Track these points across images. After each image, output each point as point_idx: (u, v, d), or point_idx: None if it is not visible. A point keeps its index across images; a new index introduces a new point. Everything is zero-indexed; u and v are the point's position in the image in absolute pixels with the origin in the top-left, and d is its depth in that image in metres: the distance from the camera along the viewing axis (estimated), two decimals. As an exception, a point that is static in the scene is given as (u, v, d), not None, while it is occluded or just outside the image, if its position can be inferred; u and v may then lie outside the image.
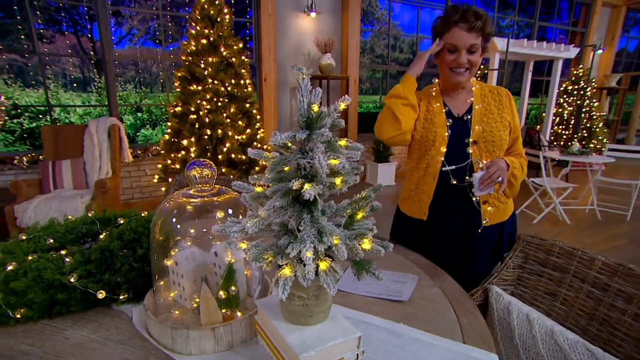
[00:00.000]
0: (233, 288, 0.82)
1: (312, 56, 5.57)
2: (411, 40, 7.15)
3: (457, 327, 0.88)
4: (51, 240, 1.10)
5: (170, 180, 3.68)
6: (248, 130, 3.80)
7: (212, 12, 3.55)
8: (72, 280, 0.88)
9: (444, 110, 1.31)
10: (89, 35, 5.08)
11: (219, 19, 3.61)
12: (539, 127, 7.46)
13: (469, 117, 1.30)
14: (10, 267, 0.92)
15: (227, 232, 0.60)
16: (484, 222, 1.31)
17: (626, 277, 0.97)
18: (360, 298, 1.01)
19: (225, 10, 3.67)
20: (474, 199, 1.29)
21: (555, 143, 6.99)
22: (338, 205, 0.68)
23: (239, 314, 0.83)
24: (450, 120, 1.31)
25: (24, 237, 1.09)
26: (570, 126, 6.90)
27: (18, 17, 3.97)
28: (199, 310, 0.80)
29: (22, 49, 4.20)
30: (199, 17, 3.57)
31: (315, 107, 0.60)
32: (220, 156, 3.56)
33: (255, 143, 3.86)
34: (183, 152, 3.54)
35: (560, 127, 7.06)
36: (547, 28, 9.15)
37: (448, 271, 1.17)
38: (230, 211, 0.84)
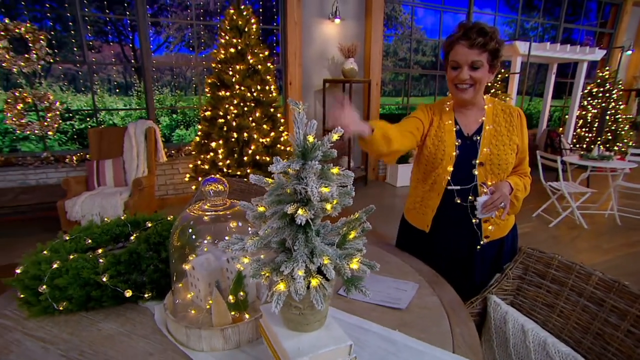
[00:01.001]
0: (241, 293, 0.87)
1: (336, 61, 5.58)
2: (434, 44, 7.02)
3: (449, 336, 0.90)
4: (89, 241, 1.19)
5: (200, 179, 3.81)
6: (272, 134, 3.88)
7: (240, 22, 3.64)
8: (104, 279, 0.96)
9: (454, 129, 1.29)
10: (131, 45, 5.30)
11: (246, 29, 3.69)
12: (561, 129, 7.16)
13: (478, 138, 1.28)
14: (55, 265, 1.01)
15: (230, 250, 0.64)
16: (485, 239, 1.30)
17: (621, 293, 0.96)
18: (361, 304, 1.04)
19: (253, 21, 3.75)
20: (474, 220, 1.28)
21: (577, 145, 6.69)
22: (333, 225, 0.72)
23: (247, 316, 0.89)
24: (460, 140, 1.28)
25: (67, 238, 1.18)
26: (594, 129, 6.57)
27: (72, 32, 4.21)
28: (212, 311, 0.86)
29: (74, 59, 4.45)
30: (228, 27, 3.67)
31: (311, 138, 0.63)
32: (245, 158, 3.65)
33: (278, 145, 3.93)
34: (212, 154, 3.66)
35: (584, 129, 6.74)
36: (574, 29, 8.72)
37: (448, 281, 1.17)
38: (240, 223, 0.89)
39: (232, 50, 3.63)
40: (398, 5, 6.41)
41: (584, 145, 6.56)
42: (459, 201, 1.27)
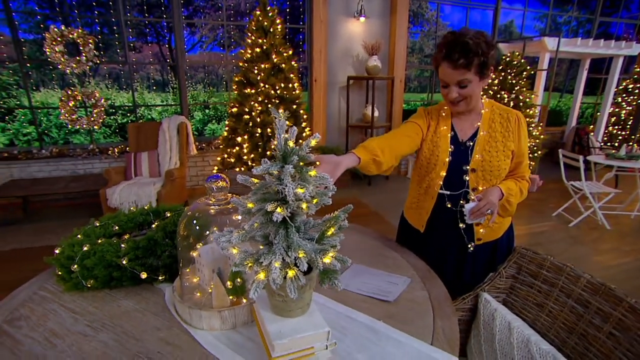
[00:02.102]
0: (239, 280, 0.94)
1: (361, 58, 5.54)
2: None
3: (431, 329, 0.92)
4: (116, 227, 1.30)
5: (226, 171, 3.96)
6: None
7: (265, 23, 3.70)
8: (124, 262, 1.05)
9: (449, 135, 1.27)
10: (167, 45, 5.53)
11: (271, 29, 3.75)
12: (591, 127, 6.76)
13: (471, 143, 1.26)
14: (85, 248, 1.13)
15: (218, 242, 0.71)
16: (477, 241, 1.30)
17: (606, 296, 0.94)
18: (353, 295, 1.08)
19: (278, 21, 3.80)
20: (461, 225, 1.28)
21: (608, 144, 6.30)
22: (314, 222, 0.76)
23: (244, 300, 0.95)
24: (453, 147, 1.26)
25: (97, 224, 1.30)
26: (628, 126, 6.16)
27: (116, 35, 4.46)
28: (212, 294, 0.94)
29: (117, 59, 4.71)
30: (254, 28, 3.74)
31: (291, 143, 0.68)
32: (268, 152, 3.74)
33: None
34: (237, 148, 3.78)
35: (616, 127, 6.33)
36: (612, 23, 8.15)
37: (441, 278, 1.19)
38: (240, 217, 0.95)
39: (258, 49, 3.71)
40: (424, 2, 6.25)
41: (615, 144, 6.17)
42: (449, 206, 1.27)
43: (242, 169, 3.82)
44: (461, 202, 1.25)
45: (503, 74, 4.59)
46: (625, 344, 0.87)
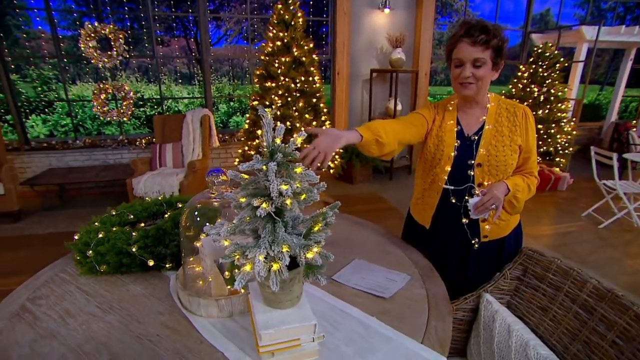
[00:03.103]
0: (236, 270, 0.97)
1: (385, 51, 5.45)
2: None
3: (423, 328, 0.92)
4: (131, 216, 1.38)
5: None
6: (314, 123, 3.95)
7: (286, 16, 3.71)
8: (133, 249, 1.12)
9: (455, 129, 1.26)
10: (192, 39, 5.66)
11: (292, 22, 3.76)
12: (634, 122, 6.33)
13: (477, 138, 1.24)
14: (100, 235, 1.20)
15: (208, 233, 0.74)
16: (483, 238, 1.27)
17: (612, 304, 0.90)
18: (351, 290, 1.10)
19: (299, 14, 3.80)
20: (464, 220, 1.26)
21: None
22: (303, 217, 0.78)
23: (242, 290, 0.99)
24: (459, 141, 1.25)
25: (113, 212, 1.38)
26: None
27: (145, 29, 4.62)
28: (211, 283, 0.98)
29: (146, 53, 4.89)
30: (275, 22, 3.76)
31: (278, 140, 0.70)
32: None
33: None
34: (257, 141, 3.84)
35: (663, 123, 5.89)
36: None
37: (444, 276, 1.18)
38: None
39: (279, 43, 3.73)
40: (453, -9, 6.04)
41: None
42: (453, 201, 1.25)
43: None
44: (466, 197, 1.23)
45: (534, 66, 4.37)
46: (628, 353, 0.83)
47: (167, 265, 1.15)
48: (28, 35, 5.55)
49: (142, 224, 1.35)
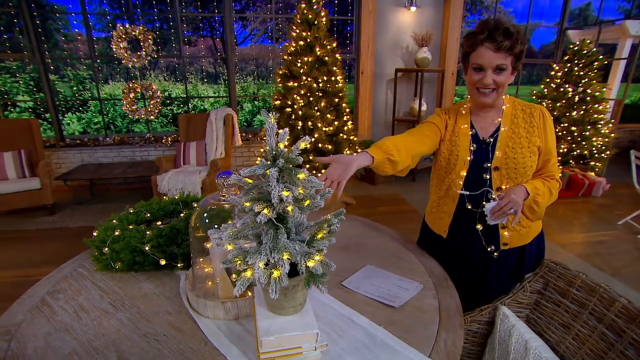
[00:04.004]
0: (235, 276, 0.97)
1: (410, 49, 5.35)
2: (525, 28, 6.24)
3: (432, 341, 0.89)
4: (148, 215, 1.41)
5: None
6: (336, 123, 3.93)
7: (310, 16, 3.70)
8: (146, 248, 1.14)
9: (470, 133, 1.20)
10: (218, 39, 5.76)
11: (316, 22, 3.74)
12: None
13: (492, 140, 1.18)
14: (116, 233, 1.24)
15: (212, 237, 0.73)
16: (503, 246, 1.20)
17: (644, 327, 0.83)
18: (361, 297, 1.07)
19: (323, 14, 3.78)
20: (478, 226, 1.20)
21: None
22: (307, 223, 0.76)
23: (249, 293, 0.98)
24: (475, 145, 1.19)
25: (131, 210, 1.42)
26: None
27: (172, 30, 4.76)
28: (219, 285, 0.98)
29: (174, 53, 5.03)
30: (299, 22, 3.76)
31: (282, 145, 0.68)
32: (308, 145, 3.78)
33: (341, 134, 3.97)
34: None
35: None
36: None
37: (463, 286, 1.13)
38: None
39: (302, 43, 3.73)
40: (484, -13, 5.82)
41: None
42: (469, 207, 1.19)
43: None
44: (483, 202, 1.17)
45: (569, 65, 4.14)
46: (660, 382, 0.76)
47: (179, 265, 1.17)
48: (67, 38, 5.87)
49: (159, 223, 1.38)
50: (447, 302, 1.04)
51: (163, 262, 1.13)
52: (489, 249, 1.22)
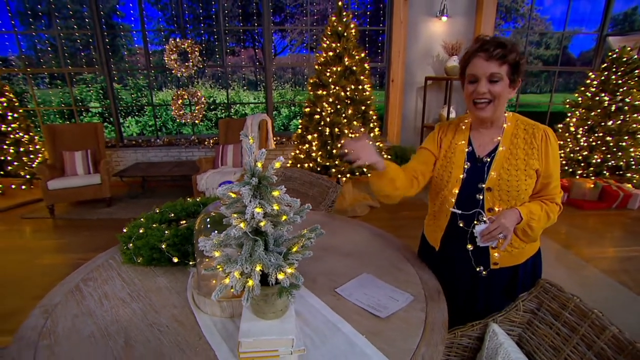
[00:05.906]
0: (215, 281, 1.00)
1: (441, 58, 5.18)
2: (561, 35, 5.79)
3: (410, 354, 0.86)
4: (172, 214, 1.49)
5: (298, 166, 4.12)
6: (362, 129, 3.89)
7: (339, 28, 3.70)
8: (163, 246, 1.21)
9: (466, 150, 1.14)
10: (258, 50, 5.92)
11: (345, 34, 3.73)
12: None
13: (489, 160, 1.10)
14: (141, 230, 1.33)
15: (200, 245, 0.77)
16: (493, 265, 1.14)
17: (632, 358, 0.75)
18: (350, 305, 1.06)
19: (352, 25, 3.77)
20: (469, 246, 1.15)
21: None
22: (286, 236, 0.78)
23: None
24: (469, 164, 1.13)
25: (157, 210, 1.51)
26: None
27: (216, 42, 4.97)
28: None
29: (218, 63, 5.25)
30: (329, 33, 3.78)
31: (259, 164, 0.70)
32: (334, 151, 3.78)
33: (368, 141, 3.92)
34: (307, 145, 3.89)
35: None
36: None
37: (452, 301, 1.08)
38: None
39: (331, 53, 3.74)
40: (520, -6, 5.48)
41: None
42: (461, 225, 1.13)
43: (311, 165, 3.94)
44: (474, 222, 1.11)
45: (606, 72, 3.79)
46: (644, 420, 0.69)
47: (191, 263, 1.23)
48: (130, 52, 6.37)
49: (184, 222, 1.46)
50: (435, 316, 1.01)
51: (175, 260, 1.20)
52: (478, 269, 1.15)
